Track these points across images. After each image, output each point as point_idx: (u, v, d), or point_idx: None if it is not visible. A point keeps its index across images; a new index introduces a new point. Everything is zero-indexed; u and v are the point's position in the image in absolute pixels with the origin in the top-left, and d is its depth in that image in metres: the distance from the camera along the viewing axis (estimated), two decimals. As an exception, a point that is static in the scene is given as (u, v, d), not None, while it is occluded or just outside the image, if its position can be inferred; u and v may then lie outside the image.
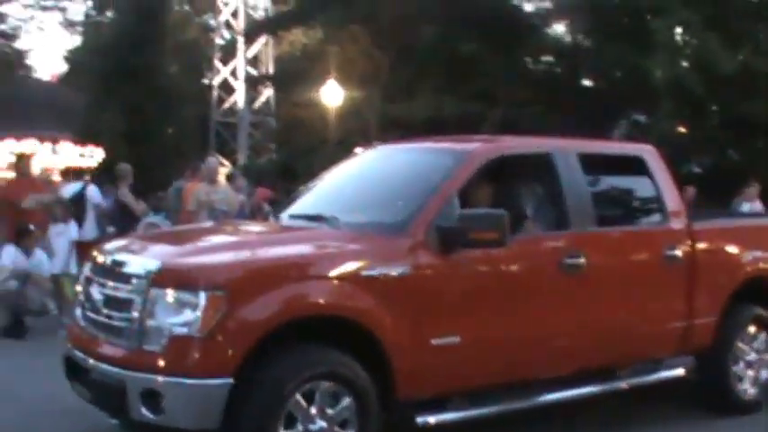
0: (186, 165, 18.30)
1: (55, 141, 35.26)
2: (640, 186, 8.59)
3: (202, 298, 5.90)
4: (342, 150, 18.44)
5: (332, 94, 28.40)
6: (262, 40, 44.38)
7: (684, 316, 8.21)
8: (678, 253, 8.17)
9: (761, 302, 8.91)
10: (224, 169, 23.60)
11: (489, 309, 7.05)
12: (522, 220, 7.80)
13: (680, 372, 8.42)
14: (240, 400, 5.91)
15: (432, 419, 6.72)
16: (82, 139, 36.01)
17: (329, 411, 6.21)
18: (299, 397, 6.08)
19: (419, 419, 6.68)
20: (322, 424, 6.16)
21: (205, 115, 45.20)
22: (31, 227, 13.12)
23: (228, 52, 46.07)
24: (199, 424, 5.92)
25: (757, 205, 16.98)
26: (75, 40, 51.45)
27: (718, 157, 24.02)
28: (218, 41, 47.32)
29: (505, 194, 7.97)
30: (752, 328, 8.80)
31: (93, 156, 35.81)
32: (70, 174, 18.83)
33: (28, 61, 46.04)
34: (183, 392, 5.88)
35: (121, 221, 14.46)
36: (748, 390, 8.76)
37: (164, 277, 6.11)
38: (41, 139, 35.60)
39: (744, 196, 17.33)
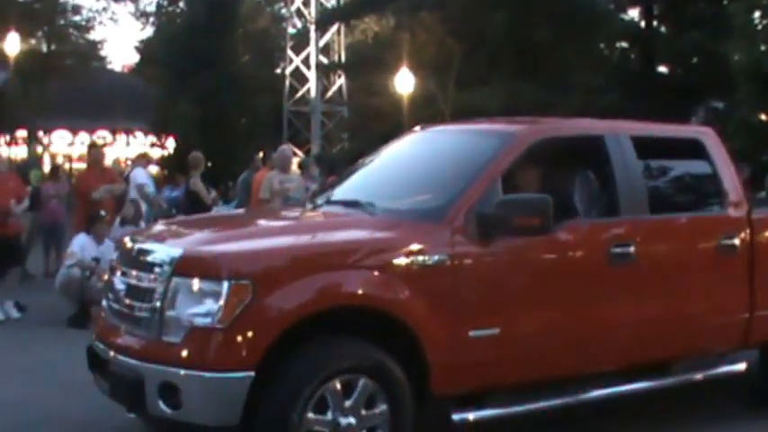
0: (252, 156, 18.30)
1: (128, 132, 35.69)
2: (698, 171, 8.14)
3: (225, 287, 5.62)
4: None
5: (404, 82, 28.27)
6: (333, 28, 44.49)
7: (745, 307, 7.70)
8: (736, 242, 7.65)
9: None
10: (295, 158, 23.62)
11: (531, 300, 6.68)
12: (571, 206, 7.41)
13: (741, 367, 7.85)
14: (262, 395, 5.64)
15: (470, 416, 6.36)
16: (155, 129, 36.37)
17: (363, 412, 5.91)
18: (337, 383, 5.80)
19: (456, 416, 6.32)
20: (351, 421, 5.84)
21: (277, 104, 45.41)
22: (103, 213, 13.14)
23: (300, 41, 46.24)
24: (218, 420, 5.65)
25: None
26: (148, 31, 51.95)
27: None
28: (290, 30, 47.49)
29: (553, 179, 7.58)
30: None
31: (165, 146, 36.20)
32: (144, 159, 19.03)
33: (101, 53, 46.62)
34: (202, 386, 5.62)
35: (192, 211, 14.43)
36: None
37: (186, 265, 5.86)
38: (115, 131, 36.06)
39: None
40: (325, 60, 45.18)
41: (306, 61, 45.45)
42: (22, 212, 14.34)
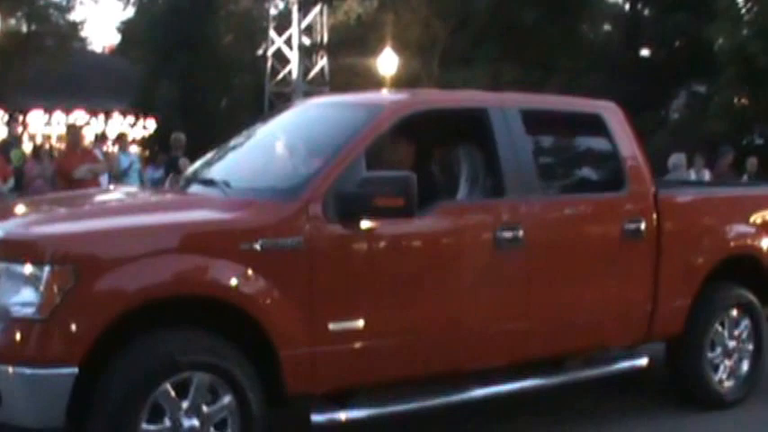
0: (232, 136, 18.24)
1: (107, 113, 35.51)
2: (598, 150, 7.39)
3: (46, 272, 4.93)
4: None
5: (387, 63, 28.22)
6: (316, 9, 44.29)
7: (649, 299, 7.03)
8: (640, 226, 6.95)
9: (745, 283, 7.67)
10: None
11: (401, 289, 5.93)
12: (450, 185, 6.69)
13: (642, 362, 7.19)
14: (93, 393, 5.01)
15: (332, 417, 5.70)
16: (136, 109, 36.23)
17: (205, 409, 5.22)
18: (168, 387, 5.11)
19: (316, 417, 5.63)
20: (194, 422, 5.18)
21: (259, 85, 45.22)
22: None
23: (283, 22, 46.05)
24: (39, 421, 4.98)
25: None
26: (129, 12, 51.63)
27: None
28: (273, 11, 47.32)
29: (430, 156, 7.08)
30: (733, 313, 7.55)
31: (145, 127, 36.08)
32: (124, 141, 19.01)
33: (82, 33, 46.34)
34: (21, 383, 4.94)
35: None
36: (725, 382, 7.54)
37: (6, 249, 5.14)
38: (94, 112, 35.88)
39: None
40: (307, 41, 45.07)
41: (288, 42, 45.24)
42: (8, 192, 14.27)
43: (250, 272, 5.35)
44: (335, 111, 7.00)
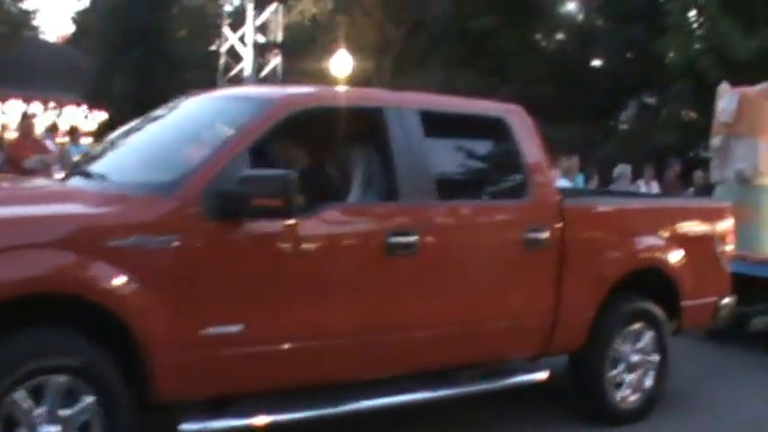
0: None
1: (60, 103, 35.19)
2: (501, 154, 7.11)
3: None
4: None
5: (341, 65, 28.23)
6: (271, 7, 44.17)
7: (550, 311, 6.82)
8: (543, 235, 6.72)
9: (650, 296, 7.56)
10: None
11: (282, 294, 5.62)
12: (340, 186, 6.45)
13: (542, 375, 6.99)
14: None
15: (199, 427, 5.35)
16: (89, 100, 35.97)
17: (63, 412, 4.86)
18: (20, 395, 4.73)
19: (185, 426, 5.28)
20: (54, 428, 4.81)
21: (212, 81, 45.04)
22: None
23: (237, 19, 45.87)
24: None
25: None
26: (84, 2, 51.26)
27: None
28: (227, 8, 47.13)
29: (322, 155, 6.79)
30: (636, 326, 7.41)
31: (96, 118, 35.81)
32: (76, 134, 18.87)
33: (35, 22, 45.88)
34: None
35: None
36: (629, 396, 7.38)
37: None
38: (46, 101, 35.54)
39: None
40: (261, 39, 44.94)
41: (242, 39, 45.10)
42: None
43: (118, 271, 5.00)
44: (227, 104, 6.68)
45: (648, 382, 7.48)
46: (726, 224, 8.24)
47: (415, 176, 6.22)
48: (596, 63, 31.03)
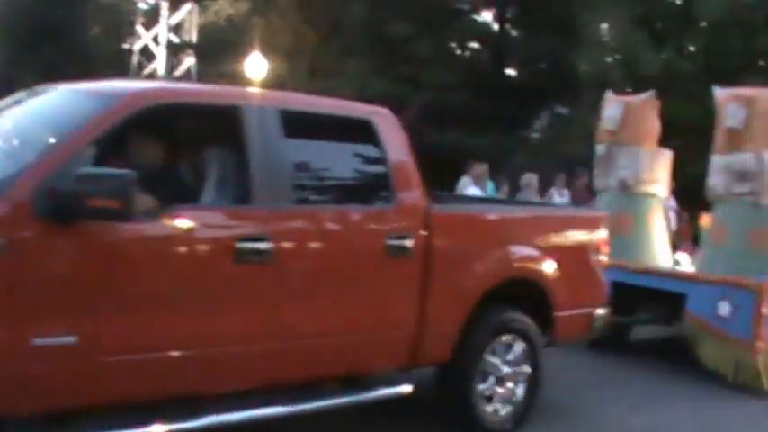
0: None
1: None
2: (366, 158, 6.75)
3: None
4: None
5: (256, 67, 28.01)
6: (186, 7, 43.79)
7: (414, 322, 6.53)
8: (407, 243, 6.43)
9: (523, 307, 7.36)
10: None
11: (123, 301, 5.25)
12: (191, 188, 6.09)
13: (406, 389, 6.65)
14: None
15: None
16: (-4, 98, 35.34)
17: None
18: None
19: None
20: None
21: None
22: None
23: (151, 18, 45.39)
24: None
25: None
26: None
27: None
28: (141, 6, 46.60)
29: (180, 155, 6.41)
30: (507, 337, 7.18)
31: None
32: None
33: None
34: None
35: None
36: (499, 410, 7.16)
37: None
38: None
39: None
40: (175, 39, 44.52)
41: (156, 39, 44.65)
42: None
43: None
44: (73, 98, 6.12)
45: (519, 395, 7.30)
46: (601, 234, 8.12)
47: (271, 179, 5.94)
48: (510, 72, 31.28)
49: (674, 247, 12.57)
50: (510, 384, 7.23)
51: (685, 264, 11.62)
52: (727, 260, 10.21)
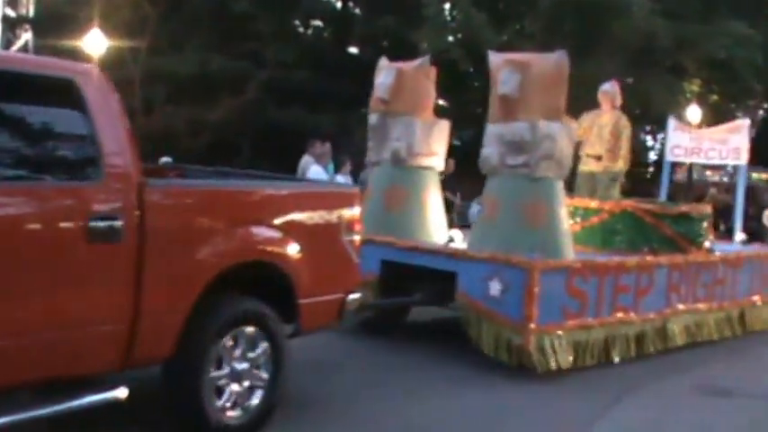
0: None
1: None
2: (66, 125, 5.67)
3: None
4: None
5: (95, 43, 27.48)
6: (23, -20, 42.71)
7: (126, 315, 5.61)
8: (115, 224, 5.48)
9: (262, 295, 6.57)
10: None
11: None
12: None
13: (120, 393, 5.70)
14: None
15: None
16: None
17: None
18: None
19: None
20: None
21: (-43, 55, 43.22)
22: None
23: (-14, -9, 44.11)
24: None
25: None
26: None
27: (478, 131, 24.89)
28: (-25, -22, 45.24)
29: None
30: (242, 329, 6.38)
31: None
32: None
33: None
34: None
35: None
36: (236, 408, 6.38)
37: None
38: None
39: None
40: (11, 13, 43.32)
41: (-9, 12, 43.37)
42: None
43: None
44: None
45: (259, 392, 6.51)
46: (353, 211, 7.31)
47: None
48: (353, 51, 31.45)
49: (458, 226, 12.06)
50: (247, 381, 6.45)
51: (459, 241, 10.46)
52: (500, 236, 9.56)
